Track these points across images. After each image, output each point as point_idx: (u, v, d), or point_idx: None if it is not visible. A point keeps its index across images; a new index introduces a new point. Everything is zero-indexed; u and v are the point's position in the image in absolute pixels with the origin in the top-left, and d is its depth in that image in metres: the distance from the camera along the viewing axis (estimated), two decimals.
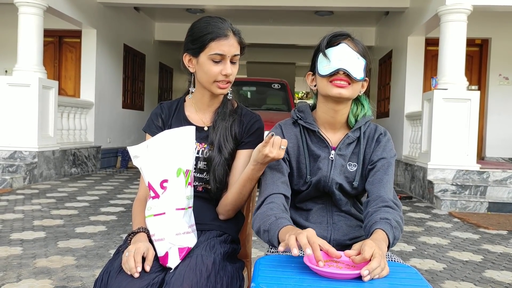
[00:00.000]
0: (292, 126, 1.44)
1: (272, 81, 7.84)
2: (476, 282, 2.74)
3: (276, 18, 10.05)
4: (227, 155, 1.44)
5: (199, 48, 1.40)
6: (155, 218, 1.24)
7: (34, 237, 3.40)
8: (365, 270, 0.98)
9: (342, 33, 1.36)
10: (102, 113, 8.39)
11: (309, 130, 1.41)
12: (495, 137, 8.20)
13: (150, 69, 11.13)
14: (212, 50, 1.38)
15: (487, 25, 7.87)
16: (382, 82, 9.57)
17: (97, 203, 4.89)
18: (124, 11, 9.19)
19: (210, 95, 1.48)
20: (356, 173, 1.39)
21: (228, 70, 1.40)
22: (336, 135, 1.42)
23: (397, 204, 1.30)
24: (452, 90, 5.74)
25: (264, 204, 1.32)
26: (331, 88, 1.32)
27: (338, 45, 1.33)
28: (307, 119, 1.41)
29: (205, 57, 1.40)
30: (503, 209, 5.15)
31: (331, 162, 1.38)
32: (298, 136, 1.42)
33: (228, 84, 1.44)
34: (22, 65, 6.15)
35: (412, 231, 4.09)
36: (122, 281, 1.14)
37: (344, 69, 1.30)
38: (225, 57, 1.39)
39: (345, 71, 1.30)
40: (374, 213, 1.23)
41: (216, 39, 1.38)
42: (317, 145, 1.40)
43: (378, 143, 1.41)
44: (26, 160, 6.05)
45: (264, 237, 1.24)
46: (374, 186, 1.34)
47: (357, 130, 1.41)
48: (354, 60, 1.32)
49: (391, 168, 1.38)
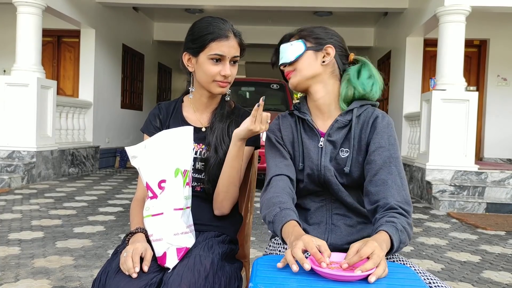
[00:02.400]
0: (289, 116, 1.45)
1: (271, 81, 7.84)
2: (474, 283, 2.75)
3: (275, 18, 10.05)
4: (222, 156, 1.44)
5: (199, 47, 1.40)
6: (153, 218, 1.24)
7: (32, 237, 3.40)
8: (372, 277, 0.96)
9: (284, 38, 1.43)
10: (100, 113, 8.38)
11: (303, 120, 1.40)
12: (493, 137, 8.22)
13: (149, 69, 11.13)
14: (212, 50, 1.38)
15: (485, 26, 7.89)
16: None
17: (96, 203, 4.88)
18: (123, 11, 9.19)
19: (209, 95, 1.48)
20: (347, 159, 1.31)
21: (227, 71, 1.40)
22: (327, 122, 1.37)
23: (406, 210, 1.19)
24: (450, 91, 5.75)
25: (269, 186, 1.32)
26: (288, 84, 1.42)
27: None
28: (301, 108, 1.42)
29: (204, 57, 1.40)
30: (501, 209, 5.16)
31: (320, 149, 1.34)
32: (292, 125, 1.42)
33: (227, 84, 1.44)
34: (21, 64, 6.14)
35: None
36: (120, 281, 1.14)
37: (280, 64, 1.40)
38: (224, 57, 1.39)
39: (281, 64, 1.40)
40: (380, 219, 1.18)
41: (217, 39, 1.38)
42: (308, 134, 1.38)
43: (374, 129, 1.29)
44: (24, 160, 6.04)
45: (269, 227, 1.26)
46: (379, 189, 1.23)
47: (349, 113, 1.33)
48: (287, 50, 1.38)
49: (393, 162, 1.25)
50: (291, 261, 1.02)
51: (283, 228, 1.18)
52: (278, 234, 1.20)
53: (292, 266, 1.00)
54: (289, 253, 1.03)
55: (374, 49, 10.34)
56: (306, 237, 1.07)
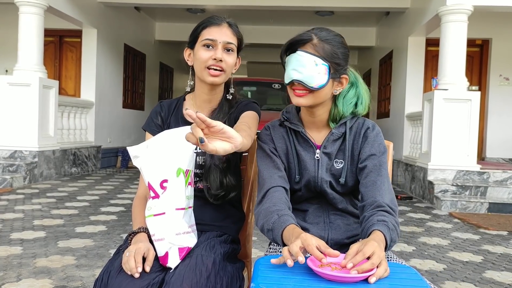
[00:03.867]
0: (279, 127, 1.44)
1: (273, 81, 7.84)
2: (476, 283, 2.74)
3: (276, 18, 10.05)
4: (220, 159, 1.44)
5: (194, 39, 1.45)
6: (155, 218, 1.24)
7: (34, 236, 3.40)
8: (373, 278, 0.97)
9: (302, 39, 1.28)
10: (102, 112, 8.39)
11: (295, 131, 1.40)
12: (495, 137, 8.20)
13: (150, 69, 11.13)
14: (203, 37, 1.42)
15: (487, 25, 7.87)
16: (382, 82, 9.57)
17: (97, 203, 4.89)
18: (124, 11, 9.20)
19: (208, 89, 1.47)
20: (343, 170, 1.36)
21: (218, 55, 1.40)
22: (321, 133, 1.39)
23: (393, 209, 1.25)
24: (452, 91, 5.74)
25: (265, 198, 1.32)
26: (293, 97, 1.32)
27: (295, 53, 1.28)
28: (292, 119, 1.41)
29: (198, 45, 1.43)
30: (503, 209, 5.15)
31: (317, 161, 1.37)
32: (285, 137, 1.42)
33: (220, 72, 1.42)
34: (23, 64, 6.16)
35: (412, 231, 4.09)
36: (122, 281, 1.14)
37: (297, 80, 1.27)
38: (216, 42, 1.41)
39: (299, 82, 1.27)
40: (370, 217, 1.21)
41: (208, 27, 1.42)
42: (303, 145, 1.39)
43: (365, 139, 1.36)
44: (26, 159, 6.05)
45: (268, 235, 1.25)
46: (368, 190, 1.29)
47: (343, 125, 1.37)
48: (310, 67, 1.25)
49: (383, 167, 1.32)
50: (287, 256, 1.02)
51: (284, 233, 1.18)
52: (279, 240, 1.19)
53: (287, 261, 1.01)
54: (286, 249, 1.05)
55: (375, 48, 10.33)
56: (305, 235, 1.07)
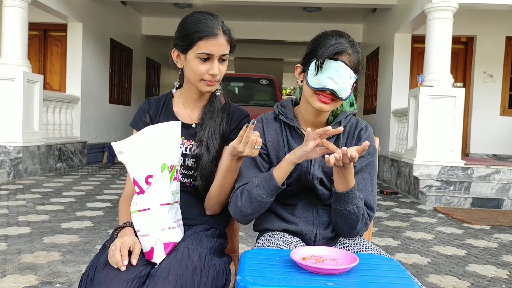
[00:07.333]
0: (273, 120, 1.44)
1: (260, 77, 7.85)
2: (459, 276, 2.79)
3: (264, 14, 10.04)
4: (215, 153, 1.44)
5: (187, 45, 1.39)
6: (140, 214, 1.24)
7: (19, 232, 3.37)
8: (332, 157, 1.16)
9: (344, 49, 1.28)
10: (88, 108, 8.30)
11: (290, 125, 1.41)
12: (479, 133, 8.32)
13: (137, 64, 11.04)
14: (200, 49, 1.36)
15: (472, 23, 7.97)
16: (369, 78, 9.63)
17: (83, 199, 4.85)
18: (110, 5, 9.09)
19: (198, 91, 1.48)
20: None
21: (215, 70, 1.38)
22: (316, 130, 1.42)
23: (371, 207, 1.37)
24: (437, 87, 5.80)
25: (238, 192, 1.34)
26: (315, 101, 1.32)
27: (335, 62, 1.28)
28: (288, 114, 1.42)
29: (193, 55, 1.38)
30: (486, 204, 5.24)
31: None
32: (278, 131, 1.42)
33: (215, 83, 1.43)
34: (6, 58, 6.06)
35: (397, 226, 4.14)
36: (109, 274, 1.14)
37: (332, 90, 1.28)
38: (212, 56, 1.38)
39: (332, 91, 1.29)
40: None
41: (205, 38, 1.36)
42: (297, 141, 1.40)
43: (358, 139, 1.41)
44: (10, 155, 5.97)
45: (257, 193, 1.28)
46: None
47: (337, 124, 1.40)
48: (345, 79, 1.28)
49: (369, 170, 1.39)
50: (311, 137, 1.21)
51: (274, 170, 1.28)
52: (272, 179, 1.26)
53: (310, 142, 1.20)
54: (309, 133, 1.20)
55: (362, 45, 10.38)
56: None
